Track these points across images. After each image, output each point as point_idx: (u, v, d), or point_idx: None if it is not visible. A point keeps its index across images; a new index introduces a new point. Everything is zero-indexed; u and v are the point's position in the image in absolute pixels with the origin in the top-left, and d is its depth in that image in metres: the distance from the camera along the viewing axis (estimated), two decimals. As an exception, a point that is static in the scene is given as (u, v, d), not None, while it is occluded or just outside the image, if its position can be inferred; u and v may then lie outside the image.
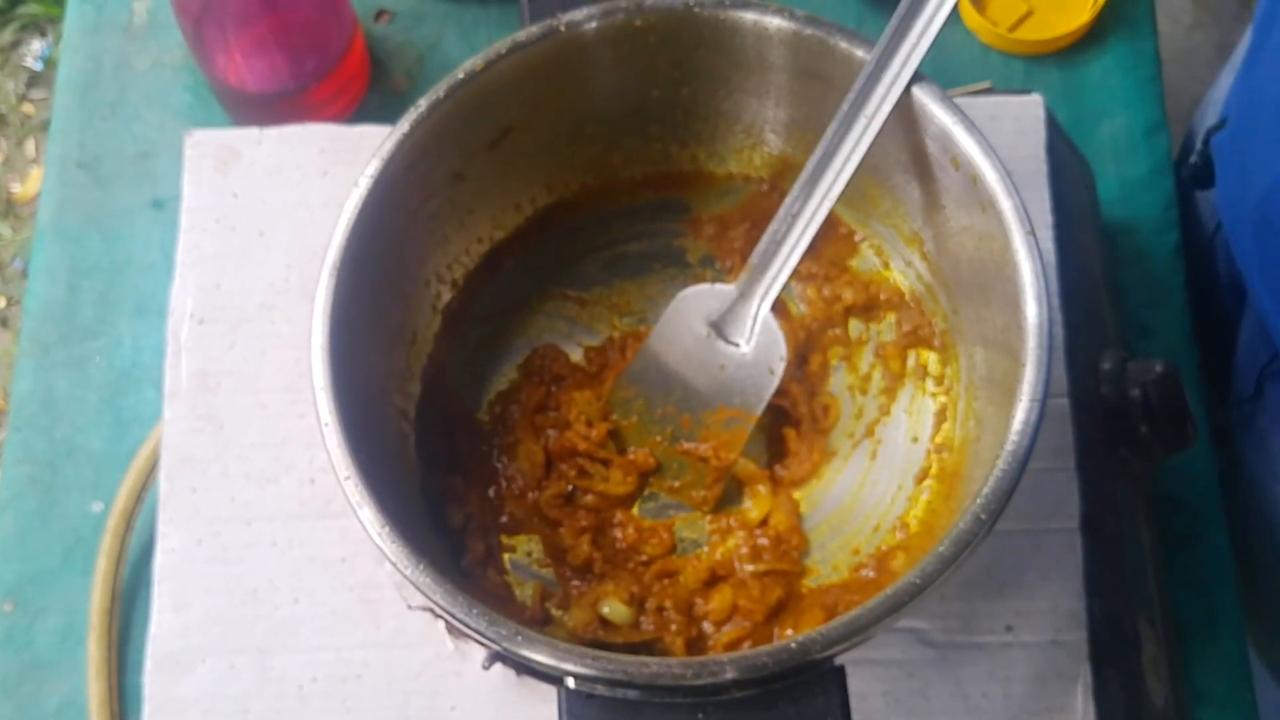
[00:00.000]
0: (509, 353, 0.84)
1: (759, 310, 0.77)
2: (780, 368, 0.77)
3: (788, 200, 0.75)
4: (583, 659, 0.62)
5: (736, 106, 0.81)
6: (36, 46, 2.03)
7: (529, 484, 0.80)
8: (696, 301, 0.79)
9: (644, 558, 0.78)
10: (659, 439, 0.81)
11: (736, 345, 0.78)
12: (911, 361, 0.82)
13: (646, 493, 0.81)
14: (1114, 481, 0.82)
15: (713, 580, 0.78)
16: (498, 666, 0.75)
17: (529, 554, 0.79)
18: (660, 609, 0.76)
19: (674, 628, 0.76)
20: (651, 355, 0.80)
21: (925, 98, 0.72)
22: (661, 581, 0.77)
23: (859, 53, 0.73)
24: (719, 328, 0.78)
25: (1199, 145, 0.92)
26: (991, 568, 0.77)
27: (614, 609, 0.75)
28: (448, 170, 0.78)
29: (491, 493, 0.80)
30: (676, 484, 0.80)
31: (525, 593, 0.77)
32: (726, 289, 0.78)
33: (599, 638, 0.75)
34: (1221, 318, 0.95)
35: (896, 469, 0.80)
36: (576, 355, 0.84)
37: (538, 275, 0.85)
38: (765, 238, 0.76)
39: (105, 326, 0.95)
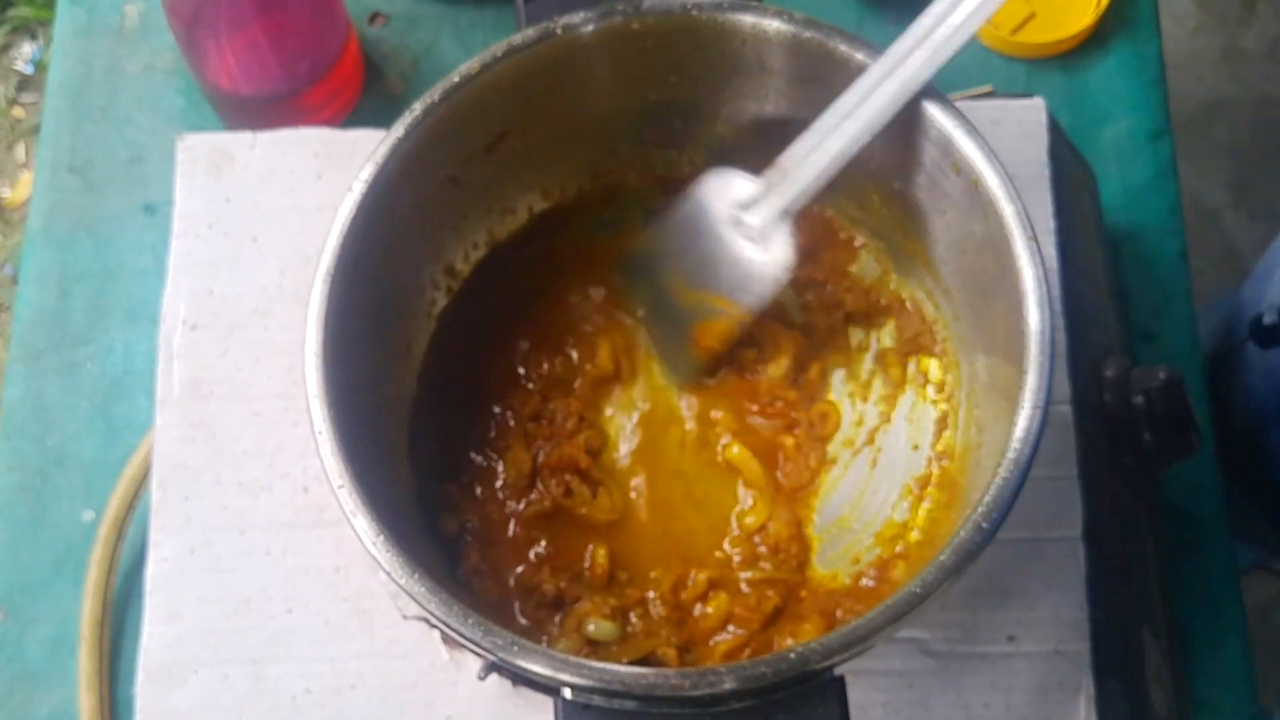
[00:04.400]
0: (505, 358, 0.83)
1: (779, 217, 0.76)
2: (784, 278, 0.76)
3: (842, 100, 0.72)
4: (579, 669, 0.62)
5: (735, 110, 0.80)
6: (27, 50, 2.03)
7: (512, 494, 0.79)
8: (724, 184, 0.78)
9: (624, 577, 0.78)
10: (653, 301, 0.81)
11: (752, 240, 0.77)
12: (912, 368, 0.81)
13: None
14: (1117, 490, 0.81)
15: (710, 588, 0.77)
16: (494, 677, 0.75)
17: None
18: (646, 613, 0.76)
19: (664, 633, 0.75)
20: (672, 224, 0.80)
21: (926, 102, 0.72)
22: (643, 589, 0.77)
23: (859, 56, 0.73)
24: (738, 217, 0.77)
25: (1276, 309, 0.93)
26: (993, 577, 0.76)
27: (599, 626, 0.75)
28: (443, 175, 0.77)
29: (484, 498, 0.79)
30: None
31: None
32: (753, 183, 0.76)
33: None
34: (1244, 426, 0.96)
35: (897, 477, 0.79)
36: (573, 360, 0.83)
37: (534, 281, 0.84)
38: (807, 136, 0.74)
39: (96, 333, 0.95)
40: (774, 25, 0.75)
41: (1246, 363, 1.06)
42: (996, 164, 0.70)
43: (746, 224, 0.77)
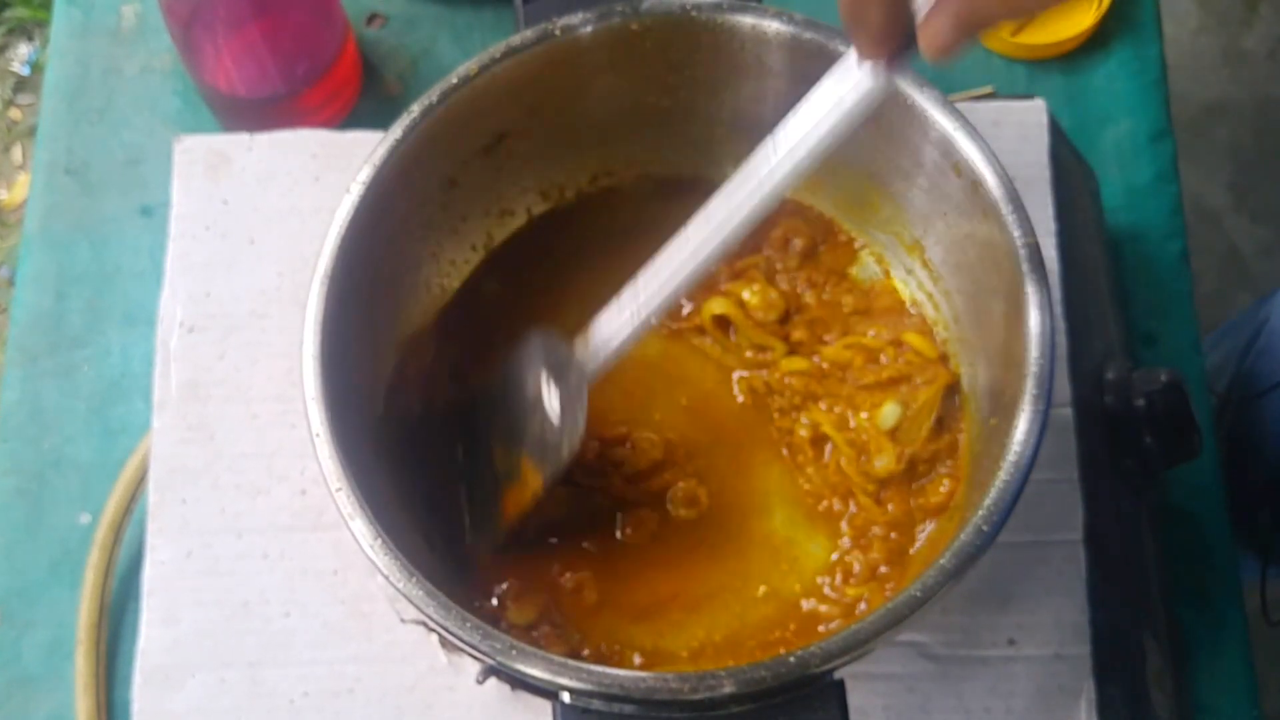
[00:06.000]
0: (502, 360, 0.83)
1: (579, 386, 0.73)
2: (570, 452, 0.72)
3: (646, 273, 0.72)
4: (578, 673, 0.62)
5: (734, 111, 0.80)
6: (23, 51, 2.02)
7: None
8: (547, 345, 0.75)
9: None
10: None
11: (556, 407, 0.74)
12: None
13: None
14: (1118, 493, 0.81)
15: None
16: (492, 681, 0.74)
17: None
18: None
19: None
20: (499, 378, 0.77)
21: (926, 103, 0.72)
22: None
23: (858, 57, 0.73)
24: (552, 379, 0.74)
25: None
26: (994, 580, 0.76)
27: None
28: (441, 177, 0.77)
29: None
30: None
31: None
32: (567, 348, 0.74)
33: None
34: (1257, 475, 0.96)
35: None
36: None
37: (532, 283, 0.84)
38: (614, 307, 0.73)
39: (93, 335, 0.95)
40: (773, 26, 0.75)
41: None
42: (997, 165, 0.69)
43: (554, 386, 0.74)
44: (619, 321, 0.72)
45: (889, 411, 0.77)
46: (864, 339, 0.80)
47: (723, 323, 0.81)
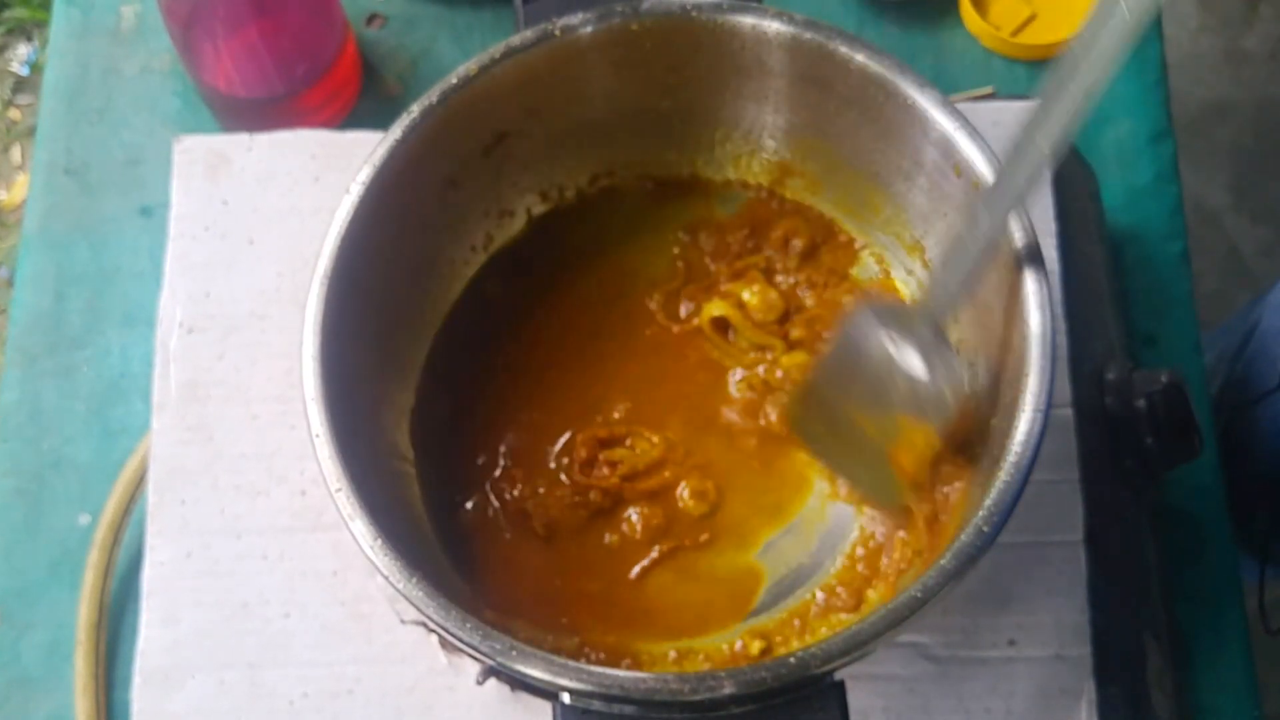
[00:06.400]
0: (504, 361, 0.83)
1: (934, 332, 0.72)
2: (956, 392, 0.72)
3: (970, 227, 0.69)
4: (578, 674, 0.61)
5: (735, 112, 0.80)
6: (23, 51, 2.02)
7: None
8: (875, 313, 0.74)
9: None
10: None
11: (916, 358, 0.73)
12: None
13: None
14: (1118, 493, 0.81)
15: None
16: (492, 681, 0.74)
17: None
18: None
19: None
20: (833, 361, 0.77)
21: (927, 103, 0.71)
22: None
23: (859, 57, 0.73)
24: (896, 339, 0.73)
25: None
26: (994, 581, 0.76)
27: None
28: (441, 177, 0.77)
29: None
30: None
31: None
32: (900, 306, 0.74)
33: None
34: (1252, 479, 0.96)
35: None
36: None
37: (533, 283, 0.84)
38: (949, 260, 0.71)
39: (93, 336, 0.94)
40: (774, 27, 0.74)
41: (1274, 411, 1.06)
42: (998, 166, 0.69)
43: (905, 344, 0.73)
44: (963, 255, 0.70)
45: None
46: None
47: (721, 324, 0.81)
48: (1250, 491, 0.99)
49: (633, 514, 0.78)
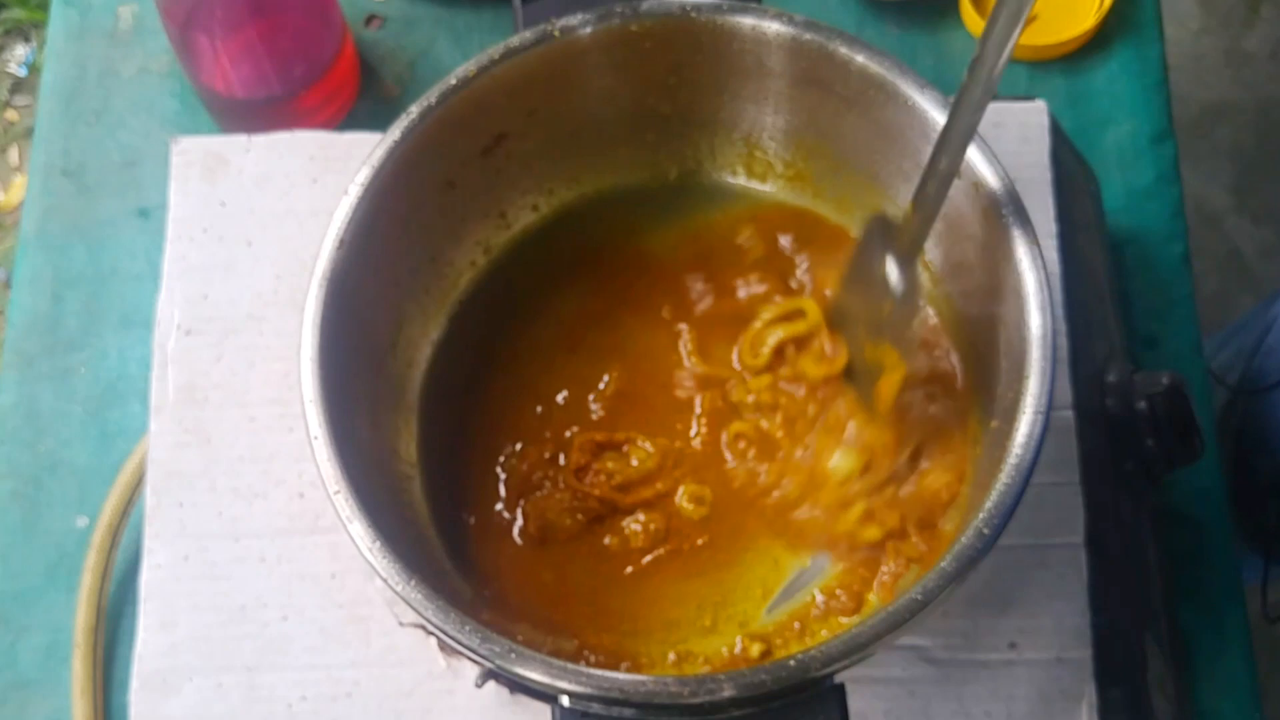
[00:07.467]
0: (502, 364, 0.83)
1: (909, 252, 0.72)
2: (909, 312, 0.73)
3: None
4: (577, 677, 0.61)
5: (734, 113, 0.80)
6: (20, 52, 2.02)
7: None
8: (880, 226, 0.73)
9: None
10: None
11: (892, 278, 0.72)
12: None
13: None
14: (1119, 496, 0.81)
15: None
16: (491, 684, 0.74)
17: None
18: None
19: None
20: (846, 279, 0.76)
21: (927, 104, 0.71)
22: None
23: (858, 58, 0.73)
24: (886, 258, 0.72)
25: None
26: (994, 584, 0.76)
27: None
28: (440, 178, 0.77)
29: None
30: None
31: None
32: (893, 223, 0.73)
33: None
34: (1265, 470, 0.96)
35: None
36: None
37: (532, 284, 0.83)
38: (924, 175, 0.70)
39: (90, 338, 0.94)
40: (774, 27, 0.74)
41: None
42: (998, 167, 0.69)
43: (890, 253, 0.72)
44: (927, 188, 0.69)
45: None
46: None
47: (721, 326, 0.81)
48: (1260, 485, 0.98)
49: (632, 518, 0.77)
